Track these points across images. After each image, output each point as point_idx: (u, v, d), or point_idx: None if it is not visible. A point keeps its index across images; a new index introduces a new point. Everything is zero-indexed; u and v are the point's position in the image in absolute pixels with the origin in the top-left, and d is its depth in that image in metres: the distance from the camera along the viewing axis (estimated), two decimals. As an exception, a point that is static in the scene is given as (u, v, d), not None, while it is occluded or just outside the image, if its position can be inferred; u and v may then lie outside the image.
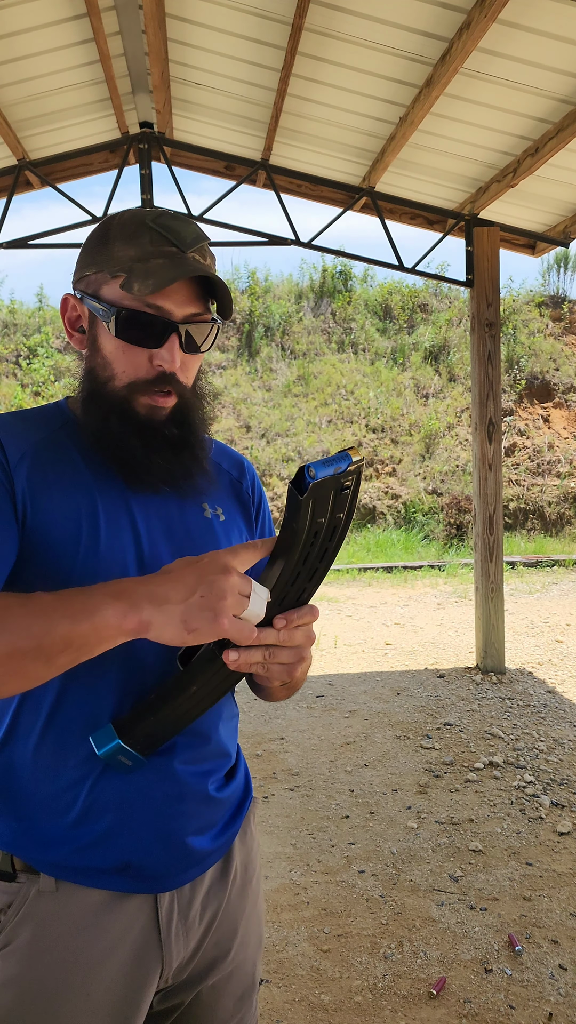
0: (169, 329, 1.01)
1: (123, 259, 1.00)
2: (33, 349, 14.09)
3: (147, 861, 1.02)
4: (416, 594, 9.06)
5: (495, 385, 5.63)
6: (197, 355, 1.07)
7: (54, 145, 5.26)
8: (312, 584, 0.93)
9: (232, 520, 1.16)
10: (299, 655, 0.95)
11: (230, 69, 4.40)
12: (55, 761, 1.01)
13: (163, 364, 1.01)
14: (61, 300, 1.08)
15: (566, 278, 15.71)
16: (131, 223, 1.02)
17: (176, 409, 1.05)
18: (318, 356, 14.80)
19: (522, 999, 2.36)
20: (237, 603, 0.85)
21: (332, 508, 0.86)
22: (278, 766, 4.13)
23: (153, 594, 0.86)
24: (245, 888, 1.17)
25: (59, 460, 1.04)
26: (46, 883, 1.00)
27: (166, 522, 1.07)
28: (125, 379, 1.02)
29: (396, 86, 4.13)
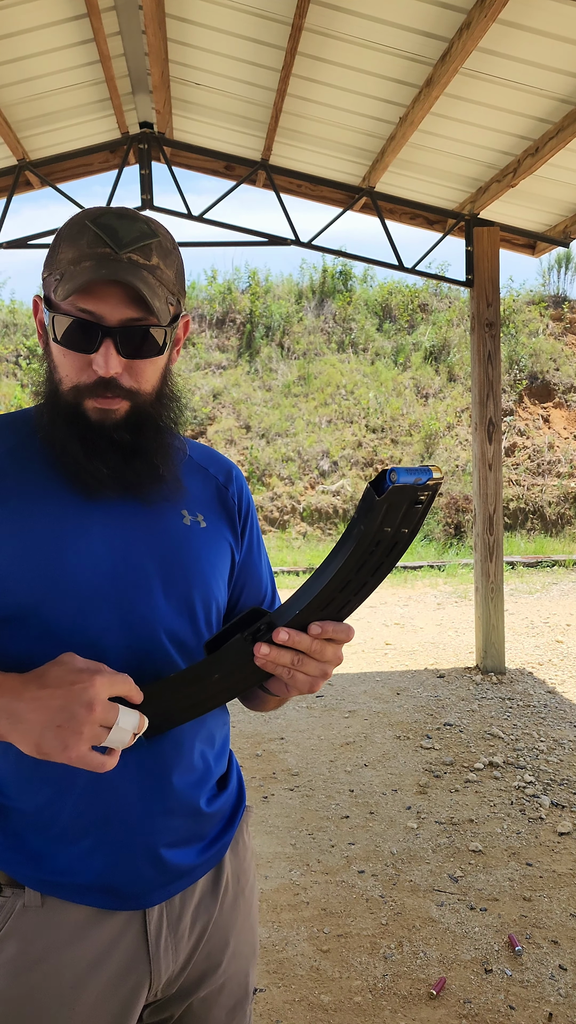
0: (100, 334, 0.97)
1: (62, 262, 0.98)
2: (33, 349, 14.09)
3: (130, 880, 1.01)
4: (416, 594, 9.06)
5: (495, 385, 5.63)
6: (149, 360, 1.01)
7: (54, 145, 5.26)
8: (357, 599, 0.91)
9: (214, 527, 1.13)
10: (324, 671, 0.93)
11: (230, 69, 4.40)
12: (37, 776, 1.00)
13: (99, 370, 0.97)
14: (32, 302, 1.06)
15: (566, 278, 15.72)
16: (77, 224, 0.99)
17: (130, 414, 1.01)
18: (318, 356, 14.80)
19: (522, 999, 2.36)
20: (94, 736, 0.85)
21: (401, 520, 0.84)
22: (278, 766, 4.13)
23: (11, 710, 0.87)
24: (237, 899, 1.15)
25: (24, 468, 1.02)
26: (31, 898, 1.00)
27: (142, 530, 1.04)
28: (69, 383, 1.00)
29: (396, 86, 4.13)
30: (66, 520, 1.00)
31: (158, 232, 1.01)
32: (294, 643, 0.90)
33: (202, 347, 14.82)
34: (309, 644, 0.90)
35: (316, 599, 0.89)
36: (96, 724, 0.85)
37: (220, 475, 1.19)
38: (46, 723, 0.85)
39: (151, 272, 0.98)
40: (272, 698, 1.11)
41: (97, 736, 0.86)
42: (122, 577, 1.01)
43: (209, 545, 1.10)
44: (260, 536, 1.25)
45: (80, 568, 0.99)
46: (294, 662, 0.91)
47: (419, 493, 0.83)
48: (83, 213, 1.00)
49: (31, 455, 1.04)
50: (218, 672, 0.94)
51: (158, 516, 1.06)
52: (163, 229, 1.02)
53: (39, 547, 0.98)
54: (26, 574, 0.97)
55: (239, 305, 15.26)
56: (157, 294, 0.97)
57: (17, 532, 0.98)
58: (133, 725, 0.88)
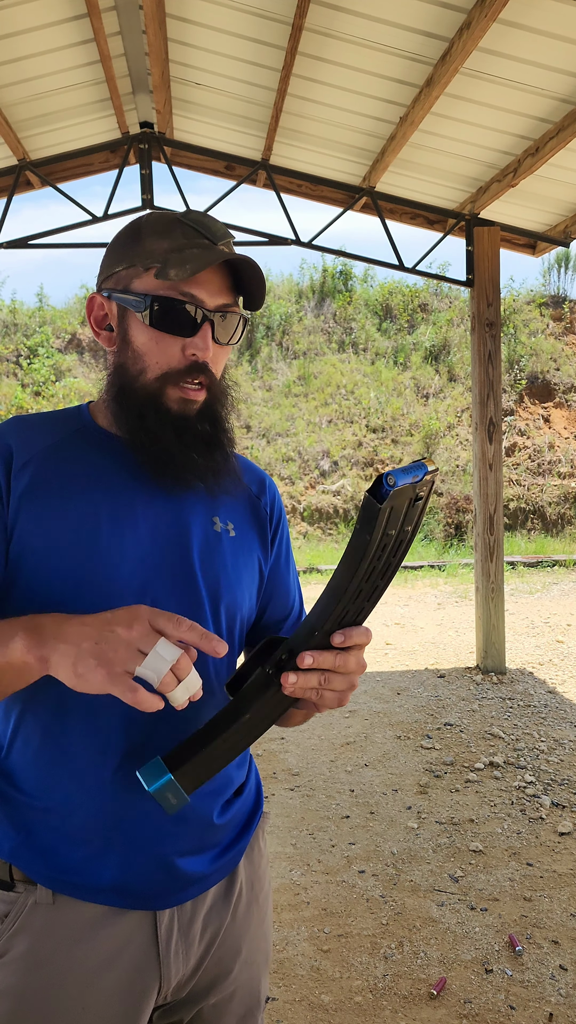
0: (204, 317, 1.01)
1: (157, 251, 1.01)
2: (33, 349, 14.09)
3: (141, 882, 1.01)
4: (416, 594, 9.06)
5: (495, 385, 5.62)
6: (225, 348, 1.06)
7: (54, 145, 5.26)
8: (371, 603, 0.91)
9: (244, 537, 1.13)
10: (351, 682, 0.93)
11: (230, 69, 4.40)
12: (54, 771, 1.00)
13: (197, 353, 1.00)
14: (88, 300, 1.08)
15: (566, 278, 15.71)
16: (162, 220, 1.03)
17: (206, 404, 1.04)
18: (318, 356, 14.80)
19: (522, 999, 2.36)
20: (130, 657, 0.82)
21: (404, 519, 0.84)
22: (278, 766, 4.13)
23: (60, 633, 0.86)
24: (250, 906, 1.14)
25: (68, 465, 1.03)
26: (43, 895, 1.00)
27: (174, 531, 1.05)
28: (157, 370, 1.01)
29: (396, 86, 4.13)
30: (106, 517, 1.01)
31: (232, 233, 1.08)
32: (319, 664, 0.89)
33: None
34: (333, 661, 0.89)
35: (333, 616, 0.88)
36: (133, 645, 0.82)
37: (253, 485, 1.19)
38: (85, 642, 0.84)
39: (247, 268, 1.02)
40: (297, 714, 1.10)
41: (133, 658, 0.82)
42: (151, 580, 1.01)
43: (236, 555, 1.10)
44: (290, 549, 1.24)
45: (111, 567, 0.99)
46: (321, 682, 0.90)
47: (418, 490, 0.83)
48: (161, 213, 1.05)
49: (74, 452, 1.04)
50: (248, 712, 0.92)
51: (194, 518, 1.07)
52: None
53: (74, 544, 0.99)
54: (60, 568, 0.98)
55: (239, 305, 15.25)
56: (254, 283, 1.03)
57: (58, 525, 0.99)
58: (173, 657, 0.83)
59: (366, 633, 0.92)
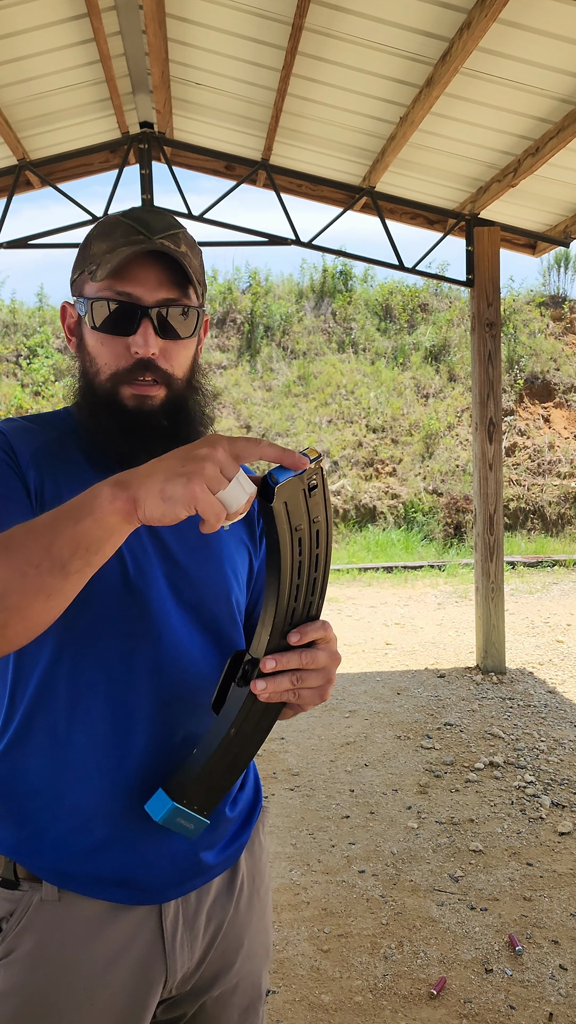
0: (139, 313, 1.01)
1: (97, 254, 1.03)
2: (33, 349, 14.09)
3: (147, 875, 1.02)
4: (416, 594, 9.05)
5: (495, 385, 5.62)
6: (181, 342, 1.05)
7: (54, 145, 5.26)
8: (316, 596, 0.92)
9: (235, 530, 1.15)
10: (326, 676, 0.93)
11: (230, 69, 4.40)
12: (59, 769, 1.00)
13: (138, 350, 1.01)
14: (60, 308, 1.11)
15: (566, 278, 15.71)
16: (107, 222, 1.05)
17: (166, 401, 1.04)
18: (318, 356, 14.80)
19: (522, 999, 2.36)
20: (215, 478, 0.79)
21: (308, 512, 0.86)
22: (278, 766, 4.13)
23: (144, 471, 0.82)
24: (252, 899, 1.16)
25: (64, 463, 1.05)
26: (48, 892, 0.99)
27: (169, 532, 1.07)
28: (108, 371, 1.03)
29: (396, 86, 4.13)
30: None
31: (182, 226, 1.07)
32: (284, 665, 0.90)
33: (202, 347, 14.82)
34: (299, 659, 0.90)
35: (279, 616, 0.89)
36: (219, 464, 0.79)
37: None
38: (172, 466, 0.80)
39: (181, 257, 1.02)
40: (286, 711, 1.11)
41: (218, 479, 0.79)
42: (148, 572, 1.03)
43: (230, 547, 1.13)
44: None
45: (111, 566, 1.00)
46: (294, 681, 0.91)
47: (308, 480, 0.84)
48: (113, 214, 1.07)
49: (63, 453, 1.06)
50: (232, 726, 0.93)
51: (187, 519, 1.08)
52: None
53: None
54: None
55: (239, 305, 15.26)
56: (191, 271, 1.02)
57: None
58: (252, 489, 0.83)
59: (323, 626, 0.92)
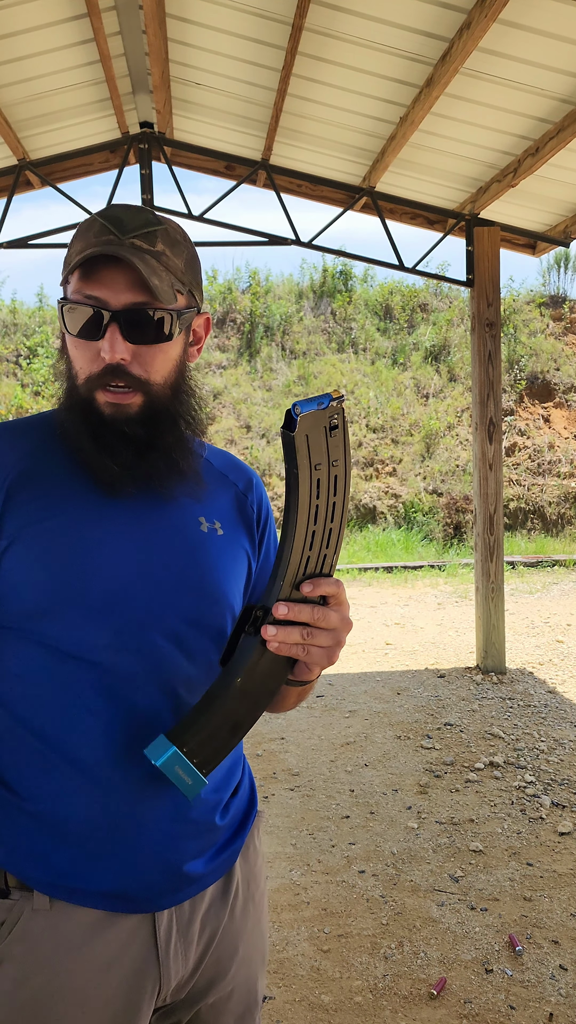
0: (105, 319, 0.97)
1: (72, 255, 1.00)
2: (33, 349, 14.09)
3: (140, 886, 1.00)
4: (416, 594, 9.05)
5: (495, 385, 5.62)
6: (156, 346, 1.00)
7: (54, 145, 5.26)
8: (331, 551, 0.92)
9: (232, 535, 1.12)
10: (337, 639, 0.93)
11: (230, 69, 4.40)
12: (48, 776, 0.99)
13: (104, 355, 0.97)
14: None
15: (566, 278, 15.71)
16: (85, 222, 1.01)
17: (144, 408, 1.01)
18: (318, 356, 14.80)
19: (523, 999, 2.36)
20: None
21: (328, 452, 0.87)
22: (278, 766, 4.13)
23: None
24: (247, 905, 1.14)
25: (44, 471, 1.02)
26: (40, 901, 0.98)
27: (158, 536, 1.04)
28: (82, 375, 1.00)
29: (396, 86, 4.13)
30: (83, 524, 1.00)
31: (165, 223, 1.01)
32: (296, 615, 0.89)
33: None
34: (311, 613, 0.90)
35: (293, 564, 0.89)
36: None
37: (240, 483, 1.18)
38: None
39: (155, 256, 0.98)
40: (291, 693, 1.09)
41: None
42: (135, 583, 1.00)
43: (225, 553, 1.10)
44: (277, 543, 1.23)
45: (93, 574, 0.98)
46: (304, 636, 0.90)
47: (329, 417, 0.86)
48: (89, 217, 1.03)
49: (49, 458, 1.03)
50: (238, 676, 0.91)
51: (175, 522, 1.06)
52: (173, 223, 1.03)
53: (55, 552, 0.98)
54: (43, 578, 0.97)
55: (239, 305, 15.26)
56: (159, 275, 0.97)
57: (37, 536, 0.99)
58: None
59: (336, 583, 0.92)
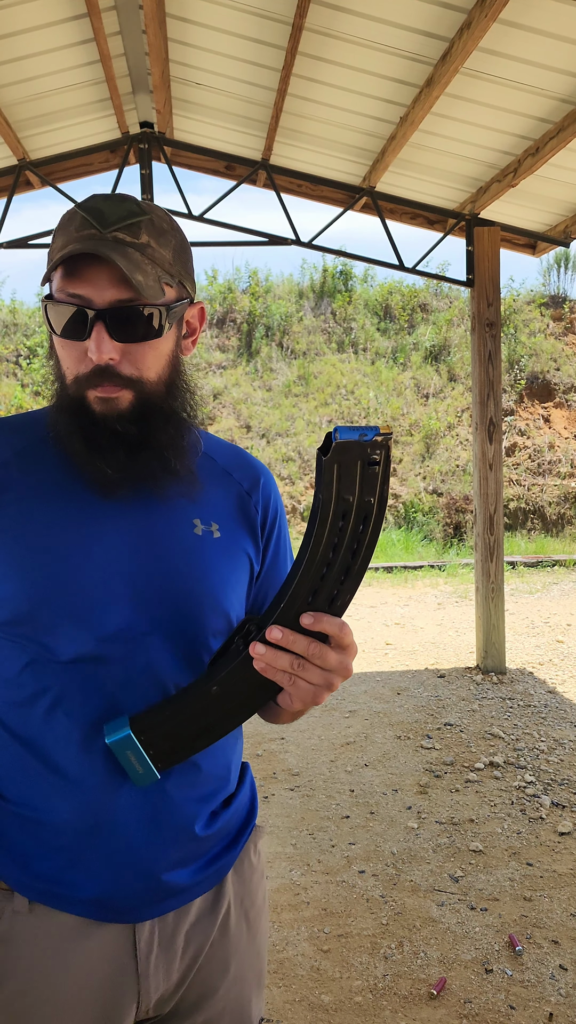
0: (90, 318, 0.93)
1: (53, 251, 0.95)
2: (33, 349, 14.09)
3: (120, 894, 0.98)
4: (416, 594, 9.05)
5: (496, 385, 5.62)
6: (145, 343, 0.96)
7: (54, 145, 5.25)
8: (345, 588, 0.86)
9: (231, 537, 1.06)
10: (328, 680, 0.87)
11: (230, 69, 4.40)
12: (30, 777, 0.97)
13: (92, 356, 0.93)
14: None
15: (567, 278, 15.70)
16: (67, 215, 0.97)
17: (135, 404, 0.96)
18: (318, 356, 14.80)
19: (523, 999, 2.36)
20: None
21: (360, 485, 0.81)
22: (278, 766, 4.13)
23: None
24: (240, 922, 1.09)
25: (31, 471, 0.99)
26: (19, 903, 0.97)
27: (147, 540, 0.99)
28: (71, 375, 0.97)
29: (396, 86, 4.13)
30: (68, 527, 0.97)
31: (150, 211, 0.96)
32: (289, 643, 0.84)
33: (202, 347, 14.81)
34: (306, 646, 0.85)
35: (298, 586, 0.84)
36: None
37: (245, 481, 1.12)
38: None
39: (139, 249, 0.93)
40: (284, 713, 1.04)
41: None
42: (119, 590, 0.97)
43: (221, 557, 1.04)
44: (288, 548, 1.17)
45: (76, 580, 0.95)
46: (294, 666, 0.85)
47: (370, 452, 0.80)
48: (70, 208, 0.98)
49: (40, 457, 1.01)
50: (216, 684, 0.88)
51: (167, 525, 1.01)
52: (160, 210, 0.98)
53: (38, 555, 0.95)
54: (24, 582, 0.94)
55: (239, 305, 15.26)
56: (144, 270, 0.93)
57: (18, 538, 0.96)
58: None
59: (340, 625, 0.85)
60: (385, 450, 0.81)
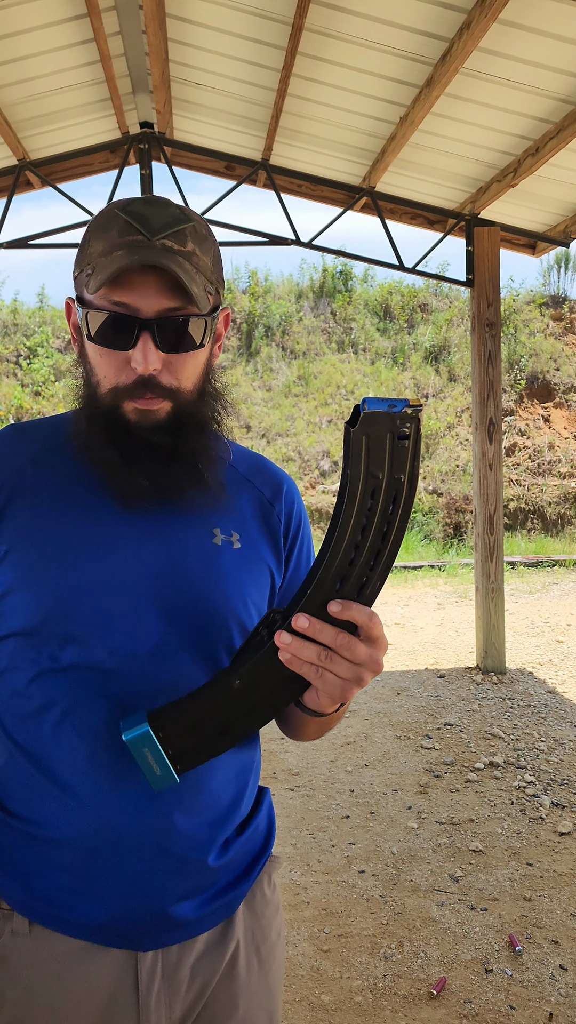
0: (136, 328, 0.90)
1: (93, 254, 0.92)
2: (33, 349, 14.09)
3: (122, 920, 0.94)
4: (416, 594, 9.05)
5: (495, 385, 5.62)
6: (187, 354, 0.94)
7: (54, 145, 5.26)
8: (375, 575, 0.81)
9: (251, 547, 1.03)
10: (357, 675, 0.81)
11: (230, 69, 4.40)
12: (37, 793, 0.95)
13: (136, 366, 0.91)
14: (64, 304, 1.01)
15: (566, 278, 15.71)
16: (104, 215, 0.94)
17: (171, 415, 0.94)
18: (318, 356, 14.80)
19: (523, 999, 2.36)
20: None
21: (390, 461, 0.77)
22: (278, 766, 4.13)
23: None
24: (251, 959, 1.04)
25: (46, 478, 0.97)
26: (19, 924, 0.95)
27: (165, 549, 0.97)
28: (107, 384, 0.94)
29: (396, 86, 4.13)
30: (82, 536, 0.95)
31: (192, 217, 0.95)
32: (316, 633, 0.79)
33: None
34: (334, 637, 0.79)
35: (325, 572, 0.80)
36: None
37: (266, 490, 1.09)
38: None
39: (187, 258, 0.91)
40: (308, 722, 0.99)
41: None
42: (132, 601, 0.94)
43: (240, 567, 1.01)
44: (312, 557, 1.13)
45: (87, 590, 0.93)
46: (321, 657, 0.80)
47: (400, 424, 0.76)
48: (112, 204, 0.96)
49: (56, 464, 0.98)
50: (238, 678, 0.83)
51: (185, 534, 0.99)
52: (196, 215, 0.97)
53: (54, 565, 0.93)
54: (39, 591, 0.92)
55: (239, 305, 15.26)
56: (195, 280, 0.91)
57: (33, 546, 0.94)
58: None
59: (370, 615, 0.80)
60: (415, 423, 0.77)
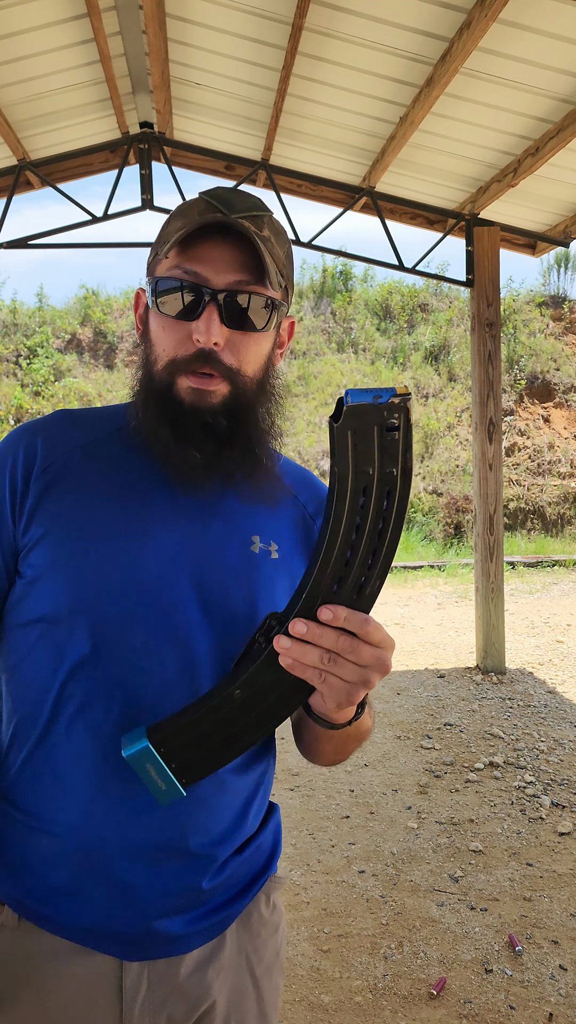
0: (204, 296, 0.89)
1: (171, 233, 0.92)
2: (33, 349, 14.09)
3: (108, 927, 0.93)
4: (416, 594, 9.05)
5: (495, 385, 5.62)
6: (250, 335, 0.93)
7: (54, 145, 5.26)
8: (372, 575, 0.77)
9: (289, 559, 1.01)
10: (364, 677, 0.78)
11: (230, 69, 4.40)
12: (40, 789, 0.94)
13: (199, 337, 0.89)
14: (135, 295, 1.00)
15: (566, 278, 15.71)
16: (188, 201, 0.95)
17: (228, 399, 0.92)
18: (318, 356, 14.80)
19: (522, 999, 2.36)
20: None
21: (379, 455, 0.73)
22: (278, 766, 4.13)
23: None
24: (244, 980, 1.00)
25: (94, 467, 0.96)
26: (8, 917, 0.94)
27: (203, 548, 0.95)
28: (165, 358, 0.92)
29: (396, 86, 4.13)
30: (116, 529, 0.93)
31: (270, 211, 0.96)
32: (315, 638, 0.76)
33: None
34: (335, 640, 0.76)
35: (320, 574, 0.76)
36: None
37: (310, 505, 1.07)
38: None
39: (262, 241, 0.90)
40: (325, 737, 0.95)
41: None
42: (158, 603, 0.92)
43: (274, 578, 0.98)
44: None
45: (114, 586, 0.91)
46: (324, 661, 0.76)
47: (387, 416, 0.71)
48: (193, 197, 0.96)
49: (106, 453, 0.97)
50: (239, 687, 0.80)
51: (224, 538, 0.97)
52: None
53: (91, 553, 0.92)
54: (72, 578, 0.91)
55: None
56: (269, 260, 0.90)
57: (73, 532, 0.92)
58: None
59: (365, 620, 0.76)
60: (404, 413, 0.72)
